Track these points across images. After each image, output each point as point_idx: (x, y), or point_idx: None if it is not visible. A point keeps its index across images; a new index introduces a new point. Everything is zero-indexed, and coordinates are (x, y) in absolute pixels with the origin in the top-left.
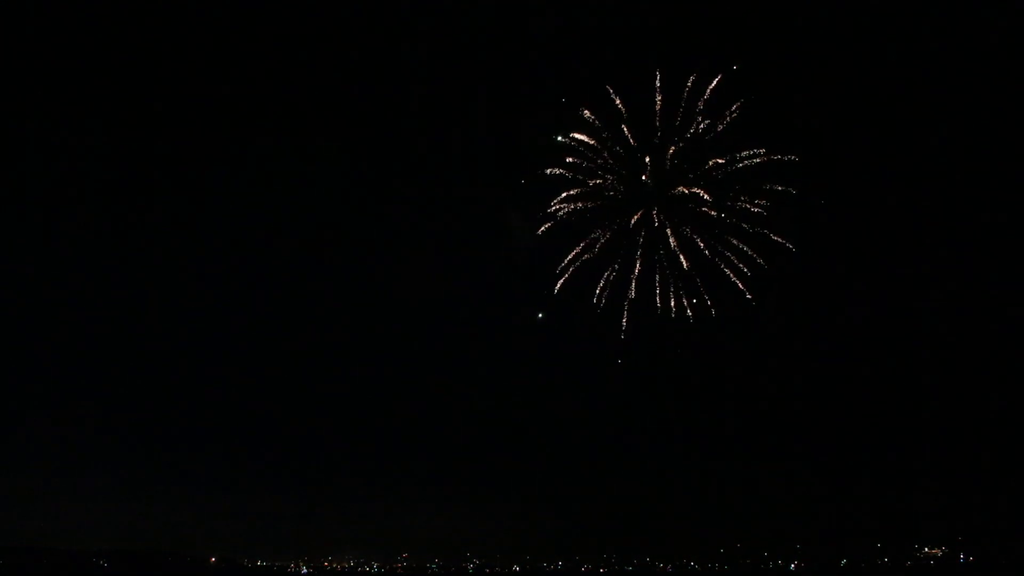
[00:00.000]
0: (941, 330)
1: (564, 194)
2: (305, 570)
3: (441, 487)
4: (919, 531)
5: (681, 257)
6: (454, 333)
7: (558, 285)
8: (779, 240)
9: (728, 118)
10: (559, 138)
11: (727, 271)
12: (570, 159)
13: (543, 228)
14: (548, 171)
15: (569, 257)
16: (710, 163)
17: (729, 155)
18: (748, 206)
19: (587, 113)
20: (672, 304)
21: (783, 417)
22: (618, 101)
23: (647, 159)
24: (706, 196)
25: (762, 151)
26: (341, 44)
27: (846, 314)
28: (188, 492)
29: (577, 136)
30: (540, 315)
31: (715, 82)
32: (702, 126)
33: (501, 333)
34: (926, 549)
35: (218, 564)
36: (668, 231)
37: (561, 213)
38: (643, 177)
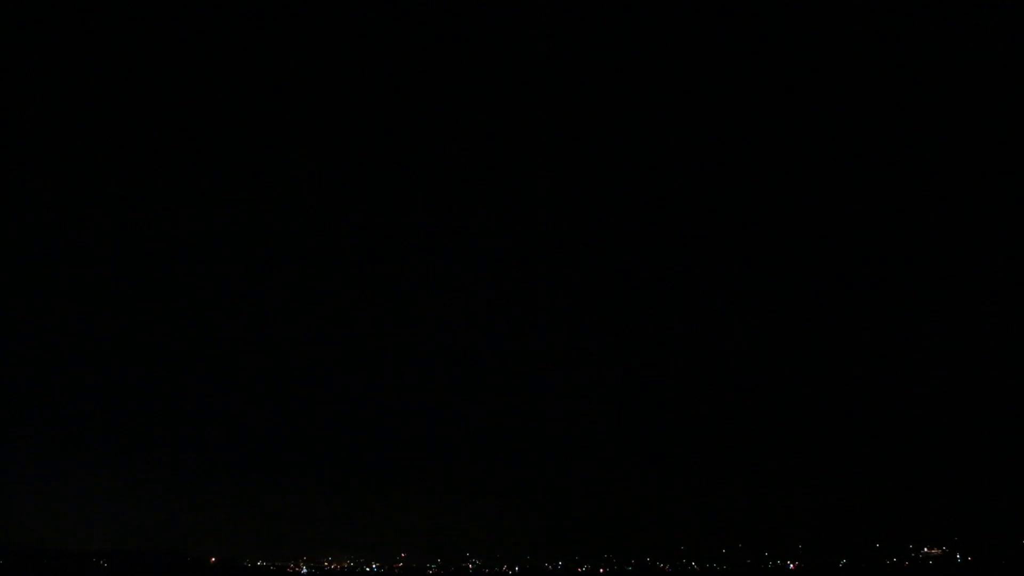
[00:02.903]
0: (940, 333)
1: None
2: (305, 570)
3: (441, 487)
4: (919, 531)
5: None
6: (454, 335)
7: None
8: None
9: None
10: None
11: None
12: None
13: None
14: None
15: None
16: None
17: None
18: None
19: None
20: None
21: (783, 418)
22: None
23: None
24: None
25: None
26: (348, 57)
27: (845, 318)
28: (188, 492)
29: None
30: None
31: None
32: None
33: (501, 336)
34: (925, 549)
35: (218, 564)
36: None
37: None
38: None
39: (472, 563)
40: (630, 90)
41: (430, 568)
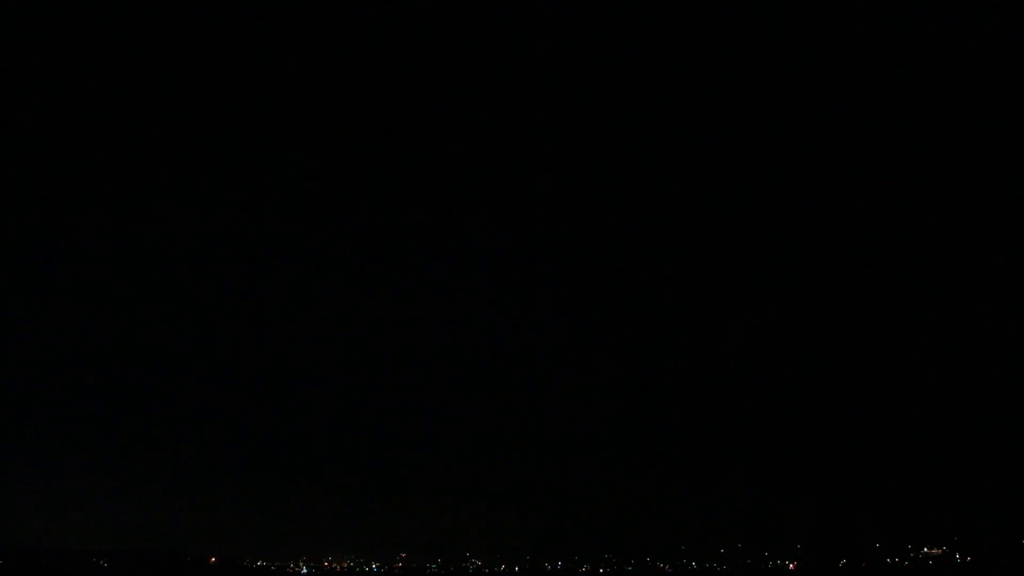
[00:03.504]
0: (940, 333)
1: None
2: (305, 570)
3: (441, 487)
4: (919, 531)
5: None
6: (454, 335)
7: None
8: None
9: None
10: None
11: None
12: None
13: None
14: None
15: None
16: None
17: None
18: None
19: None
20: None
21: (783, 419)
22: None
23: None
24: None
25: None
26: (348, 57)
27: (845, 317)
28: (188, 492)
29: None
30: None
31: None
32: None
33: (501, 336)
34: (925, 549)
35: (218, 564)
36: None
37: None
38: None
39: (472, 563)
40: (630, 90)
41: (430, 568)
